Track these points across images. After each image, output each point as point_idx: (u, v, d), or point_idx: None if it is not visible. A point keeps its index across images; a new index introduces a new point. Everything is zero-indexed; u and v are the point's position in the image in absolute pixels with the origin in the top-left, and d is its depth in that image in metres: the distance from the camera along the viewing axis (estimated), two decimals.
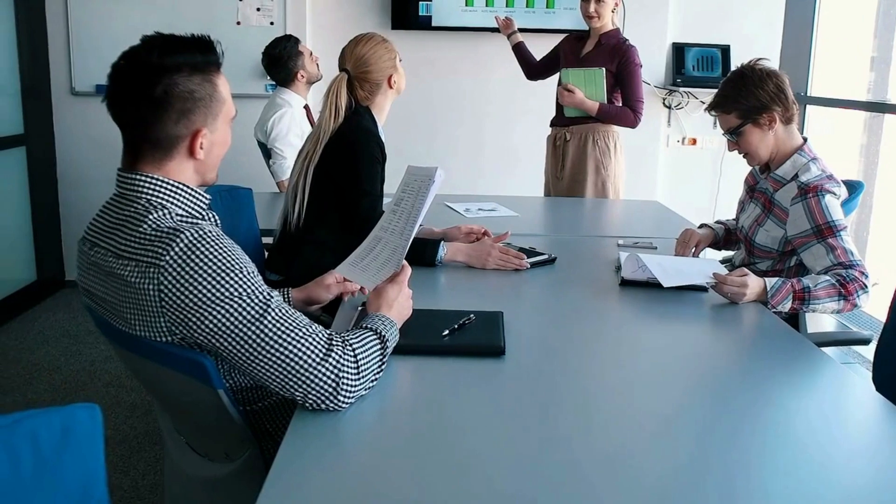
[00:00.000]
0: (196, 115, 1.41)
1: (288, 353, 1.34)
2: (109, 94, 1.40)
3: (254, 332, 1.33)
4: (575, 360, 1.74)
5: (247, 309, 1.33)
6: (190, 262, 1.30)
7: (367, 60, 2.45)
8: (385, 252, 1.77)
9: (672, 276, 2.07)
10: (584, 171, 3.76)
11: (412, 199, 1.78)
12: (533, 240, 2.69)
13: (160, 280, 1.30)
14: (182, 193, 1.43)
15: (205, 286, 1.30)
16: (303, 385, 1.35)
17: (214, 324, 1.31)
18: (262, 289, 1.37)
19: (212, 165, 1.49)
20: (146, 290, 1.31)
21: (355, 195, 2.40)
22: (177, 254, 1.30)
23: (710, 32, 4.93)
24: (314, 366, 1.35)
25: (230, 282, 1.32)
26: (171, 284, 1.30)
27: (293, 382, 1.35)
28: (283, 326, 1.35)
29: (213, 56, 1.43)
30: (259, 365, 1.34)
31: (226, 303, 1.31)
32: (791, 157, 2.28)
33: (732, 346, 1.90)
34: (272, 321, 1.34)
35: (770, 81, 2.22)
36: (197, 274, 1.30)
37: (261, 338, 1.33)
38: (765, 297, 2.03)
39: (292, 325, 1.36)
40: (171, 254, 1.30)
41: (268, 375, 1.35)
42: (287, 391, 1.36)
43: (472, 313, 1.82)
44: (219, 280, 1.31)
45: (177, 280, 1.30)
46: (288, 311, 1.38)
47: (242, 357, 1.34)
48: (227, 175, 4.88)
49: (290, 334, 1.35)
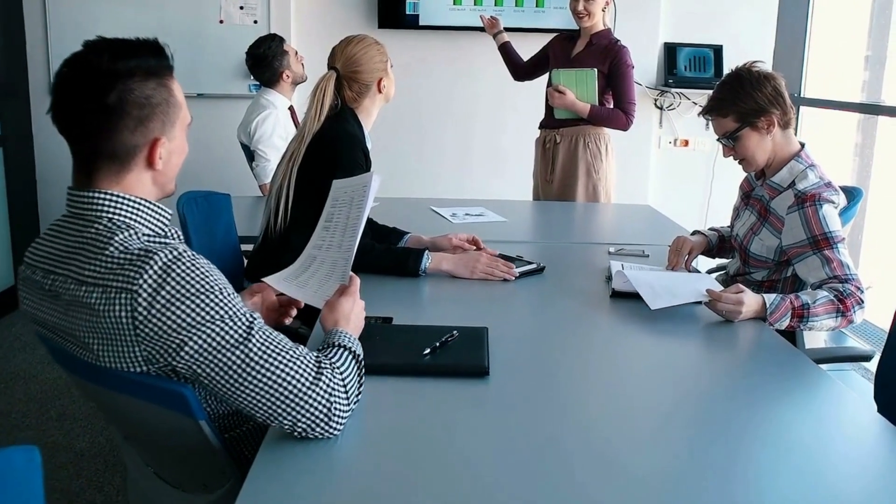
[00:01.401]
0: (153, 122, 1.31)
1: (276, 378, 1.25)
2: (56, 104, 1.29)
3: (238, 358, 1.24)
4: (562, 380, 1.65)
5: (229, 333, 1.24)
6: (166, 285, 1.21)
7: (357, 60, 2.37)
8: (324, 268, 1.68)
9: (661, 296, 1.98)
10: (574, 175, 3.67)
11: (346, 210, 1.70)
12: (521, 247, 2.61)
13: (133, 307, 1.20)
14: (146, 210, 1.33)
15: (183, 310, 1.21)
16: (293, 412, 1.26)
17: (196, 350, 1.22)
18: (244, 310, 1.28)
19: (171, 176, 1.40)
20: (117, 319, 1.22)
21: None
22: (151, 277, 1.21)
23: (702, 32, 4.85)
24: (304, 391, 1.27)
25: (210, 304, 1.23)
26: (146, 311, 1.21)
27: (282, 410, 1.26)
28: (268, 350, 1.26)
29: (166, 59, 1.34)
30: (244, 392, 1.25)
31: (207, 327, 1.22)
32: (788, 164, 2.20)
33: (729, 363, 1.82)
34: (257, 344, 1.25)
35: (768, 84, 2.14)
36: (174, 298, 1.21)
37: (245, 363, 1.24)
38: (763, 315, 1.95)
39: (278, 348, 1.28)
40: (145, 277, 1.21)
41: (253, 403, 1.26)
42: (274, 420, 1.27)
43: (455, 329, 1.73)
44: (198, 303, 1.22)
45: (152, 306, 1.21)
46: (271, 332, 1.30)
47: (226, 384, 1.25)
48: (208, 178, 4.79)
49: (278, 358, 1.27)
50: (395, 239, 2.54)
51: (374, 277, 2.23)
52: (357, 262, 2.23)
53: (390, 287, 2.20)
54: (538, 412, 1.47)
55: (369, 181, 1.66)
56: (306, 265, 1.70)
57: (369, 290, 2.14)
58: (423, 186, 4.76)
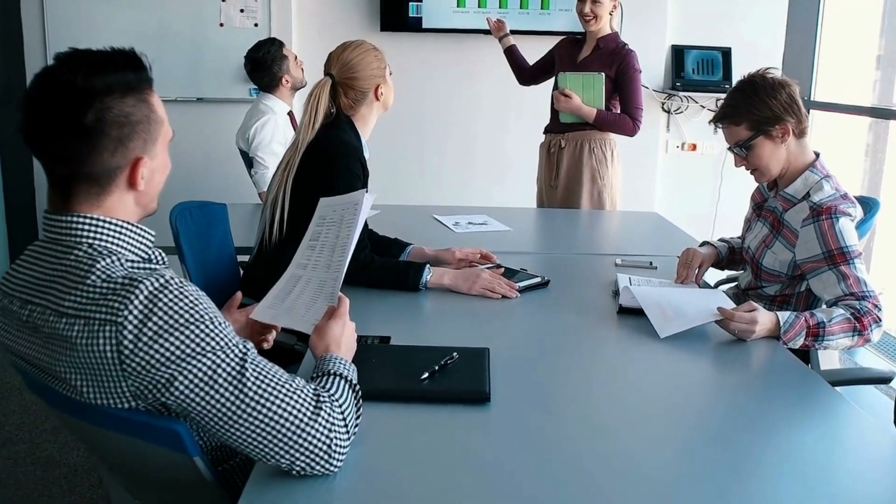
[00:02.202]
0: (134, 141, 1.23)
1: (273, 414, 1.18)
2: (28, 126, 1.21)
3: (232, 392, 1.16)
4: (567, 405, 1.58)
5: (222, 365, 1.16)
6: (153, 316, 1.13)
7: (354, 66, 2.29)
8: (310, 289, 1.59)
9: (671, 321, 1.90)
10: (579, 181, 3.59)
11: (335, 230, 1.62)
12: (525, 258, 2.53)
13: (119, 340, 1.13)
14: (128, 234, 1.26)
15: (173, 342, 1.14)
16: (291, 450, 1.19)
17: (187, 384, 1.15)
18: (236, 340, 1.20)
19: (153, 195, 1.32)
20: (101, 353, 1.14)
21: None
22: (137, 308, 1.13)
23: (710, 34, 4.76)
24: (303, 427, 1.19)
25: (201, 336, 1.15)
26: (132, 344, 1.13)
27: (279, 448, 1.19)
28: (264, 383, 1.19)
29: (145, 72, 1.25)
30: (238, 429, 1.17)
31: (198, 360, 1.15)
32: (802, 174, 2.12)
33: (741, 384, 1.74)
34: (252, 377, 1.18)
35: (783, 91, 2.06)
36: (163, 329, 1.13)
37: (240, 398, 1.17)
38: (776, 333, 1.87)
39: (275, 381, 1.20)
40: (131, 308, 1.13)
41: (248, 441, 1.18)
42: (270, 458, 1.20)
43: (455, 351, 1.66)
44: (188, 335, 1.14)
45: (139, 338, 1.13)
46: (266, 363, 1.22)
47: (218, 421, 1.17)
48: (208, 185, 4.74)
49: (274, 392, 1.19)
50: (397, 251, 2.47)
51: (373, 293, 2.16)
52: (356, 276, 2.18)
53: (390, 302, 2.13)
54: (542, 440, 1.40)
55: (360, 199, 1.58)
56: (290, 286, 1.62)
57: (367, 305, 2.08)
58: (424, 192, 4.69)
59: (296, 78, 3.67)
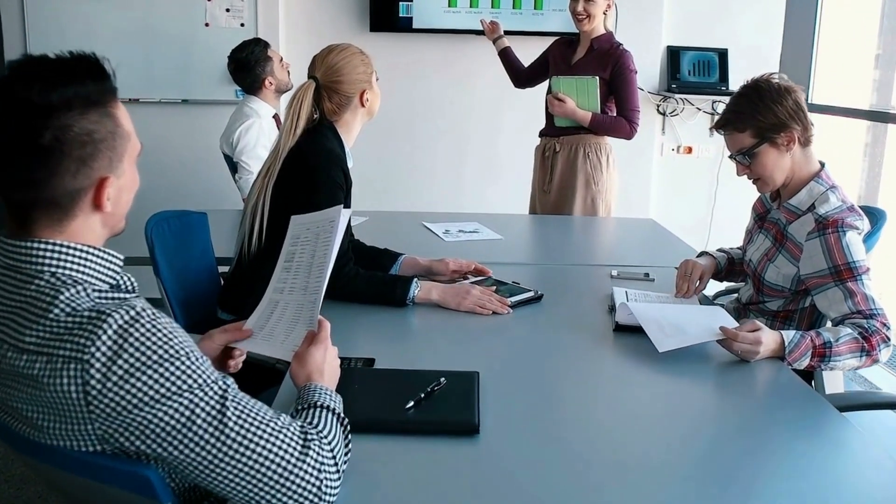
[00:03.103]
0: (98, 161, 1.11)
1: (258, 456, 1.08)
2: None
3: (212, 435, 1.06)
4: (561, 436, 1.48)
5: (200, 405, 1.06)
6: (123, 353, 1.03)
7: (339, 69, 2.18)
8: (288, 314, 1.49)
9: (671, 336, 1.81)
10: (573, 186, 3.49)
11: (310, 248, 1.52)
12: (517, 269, 2.44)
13: (86, 379, 1.02)
14: (95, 260, 1.14)
15: (145, 382, 1.03)
16: (279, 494, 1.10)
17: (161, 428, 1.05)
18: (215, 376, 1.10)
19: (122, 215, 1.21)
20: (66, 393, 1.03)
21: None
22: (105, 344, 1.03)
23: (706, 35, 4.67)
24: (291, 469, 1.10)
25: (176, 374, 1.05)
26: (100, 384, 1.02)
27: (266, 492, 1.09)
28: (247, 422, 1.09)
29: (108, 81, 1.14)
30: (220, 474, 1.08)
31: (173, 400, 1.05)
32: (807, 185, 2.03)
33: (744, 408, 1.65)
34: (233, 417, 1.08)
35: (789, 97, 1.97)
36: (134, 368, 1.03)
37: (221, 440, 1.07)
38: (780, 353, 1.78)
39: (258, 420, 1.10)
40: (98, 344, 1.03)
41: (231, 486, 1.09)
42: (255, 503, 1.10)
43: (443, 376, 1.56)
44: (162, 373, 1.04)
45: (108, 378, 1.02)
46: (248, 401, 1.12)
47: (198, 466, 1.07)
48: (193, 190, 4.63)
49: (258, 432, 1.09)
50: (388, 262, 2.36)
51: (357, 310, 2.06)
52: (340, 291, 2.07)
53: (374, 320, 2.03)
54: (533, 474, 1.31)
55: (336, 216, 1.48)
56: (268, 312, 1.51)
57: (351, 324, 1.98)
58: (414, 197, 4.59)
59: (280, 80, 3.56)
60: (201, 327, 2.27)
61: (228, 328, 1.51)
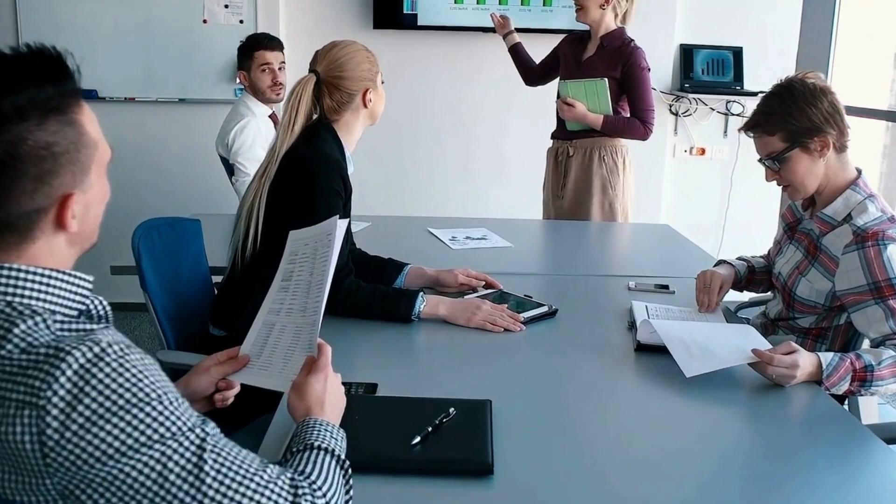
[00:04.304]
0: (60, 177, 0.97)
1: None
2: None
3: (188, 492, 0.93)
4: (583, 472, 1.33)
5: (175, 458, 0.92)
6: (85, 396, 0.89)
7: (342, 64, 2.04)
8: (286, 337, 1.35)
9: (698, 359, 1.66)
10: (588, 191, 3.35)
11: (308, 266, 1.37)
12: (529, 280, 2.31)
13: (41, 427, 0.88)
14: (57, 286, 0.99)
15: (110, 432, 0.89)
16: None
17: (129, 484, 0.91)
18: (192, 421, 0.96)
19: (91, 231, 1.05)
20: (20, 443, 0.89)
21: None
22: (64, 387, 0.88)
23: (720, 32, 4.52)
24: None
25: (147, 420, 0.91)
26: (58, 433, 0.88)
27: None
28: (228, 476, 0.95)
29: (71, 82, 0.98)
30: None
31: (143, 453, 0.91)
32: (843, 194, 1.89)
33: (779, 439, 1.51)
34: (214, 470, 0.94)
35: (825, 98, 1.83)
36: (97, 414, 0.89)
37: (198, 499, 0.93)
38: (818, 377, 1.64)
39: (241, 473, 0.96)
40: (55, 387, 0.88)
41: None
42: None
43: (452, 405, 1.42)
44: (129, 420, 0.90)
45: (67, 426, 0.88)
46: (230, 449, 0.98)
47: None
48: (189, 193, 4.47)
49: (241, 488, 0.95)
50: (393, 272, 2.22)
51: (358, 327, 1.92)
52: (341, 306, 1.93)
53: (377, 337, 1.89)
54: None
55: (333, 229, 1.34)
56: (264, 336, 1.37)
57: (351, 342, 1.84)
58: (419, 199, 4.45)
59: (254, 82, 3.39)
60: (193, 343, 2.15)
61: (223, 356, 1.36)
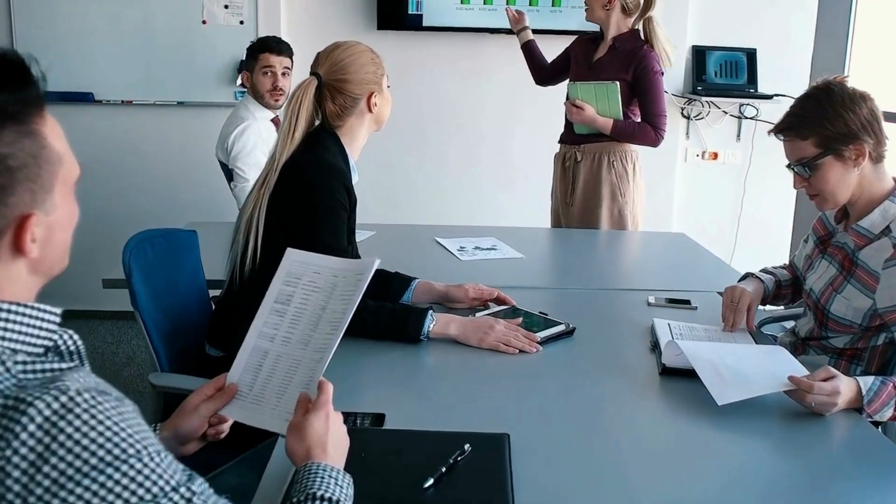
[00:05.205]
0: (16, 195, 0.85)
1: None
2: None
3: None
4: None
5: None
6: (52, 455, 0.77)
7: (346, 66, 1.93)
8: (280, 369, 1.22)
9: (731, 386, 1.54)
10: (597, 198, 3.23)
11: (320, 298, 1.23)
12: (542, 295, 2.19)
13: (1, 492, 0.76)
14: (18, 320, 0.87)
15: (82, 494, 0.77)
16: None
17: None
18: (178, 479, 0.84)
19: (57, 256, 0.93)
20: None
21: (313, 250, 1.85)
22: (27, 444, 0.77)
23: (734, 34, 4.40)
24: None
25: (124, 480, 0.79)
26: (21, 498, 0.77)
27: None
28: None
29: (33, 88, 0.87)
30: None
31: None
32: (881, 205, 1.77)
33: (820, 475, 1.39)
34: None
35: (864, 104, 1.71)
36: (66, 476, 0.77)
37: None
38: (857, 404, 1.52)
39: None
40: (16, 445, 0.77)
41: None
42: None
43: (467, 441, 1.30)
44: (105, 481, 0.78)
45: (31, 490, 0.76)
46: None
47: None
48: (189, 200, 4.35)
49: None
50: (401, 287, 2.09)
51: (363, 349, 1.80)
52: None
53: (384, 361, 1.77)
54: None
55: (368, 270, 1.21)
56: (256, 364, 1.24)
57: (355, 366, 1.71)
58: (425, 205, 4.34)
59: (255, 85, 3.27)
60: (188, 362, 2.03)
61: (210, 390, 1.24)
